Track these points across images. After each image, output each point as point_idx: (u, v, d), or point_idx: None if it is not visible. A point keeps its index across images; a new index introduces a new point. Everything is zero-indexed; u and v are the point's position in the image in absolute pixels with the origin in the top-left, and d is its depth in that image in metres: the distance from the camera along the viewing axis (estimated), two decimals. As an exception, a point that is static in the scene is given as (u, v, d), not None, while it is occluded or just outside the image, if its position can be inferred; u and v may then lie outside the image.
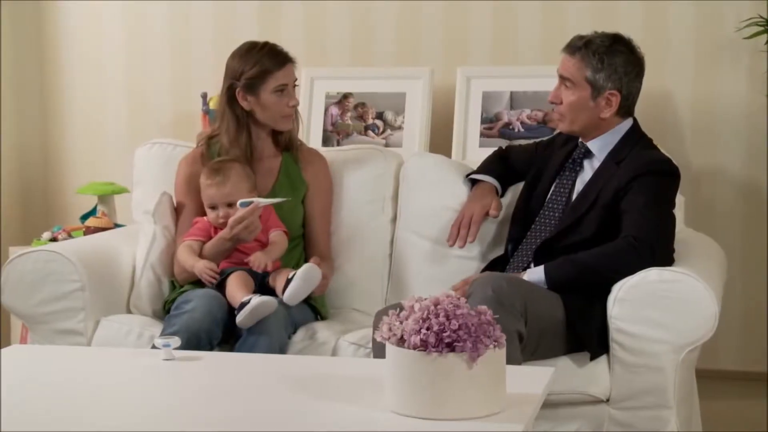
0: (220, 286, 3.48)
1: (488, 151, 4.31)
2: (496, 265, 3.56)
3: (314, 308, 3.57)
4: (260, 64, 3.62)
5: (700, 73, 4.51)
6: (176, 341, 2.92)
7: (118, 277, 3.64)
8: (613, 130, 3.42)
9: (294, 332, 3.42)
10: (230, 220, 3.47)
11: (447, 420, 2.41)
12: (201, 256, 3.53)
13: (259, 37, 4.73)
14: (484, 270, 3.59)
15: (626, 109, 3.42)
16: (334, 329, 3.45)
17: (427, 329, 2.42)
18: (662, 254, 3.19)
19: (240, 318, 3.27)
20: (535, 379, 2.69)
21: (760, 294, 4.43)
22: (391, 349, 2.48)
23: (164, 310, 3.59)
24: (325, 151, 3.87)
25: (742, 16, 4.42)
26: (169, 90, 4.96)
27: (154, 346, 3.26)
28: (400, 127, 4.50)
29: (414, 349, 2.42)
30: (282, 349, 3.32)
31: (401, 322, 2.48)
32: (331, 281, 3.69)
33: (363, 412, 2.50)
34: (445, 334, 2.41)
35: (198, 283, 3.58)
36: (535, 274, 3.24)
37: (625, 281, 3.14)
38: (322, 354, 3.36)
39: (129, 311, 3.64)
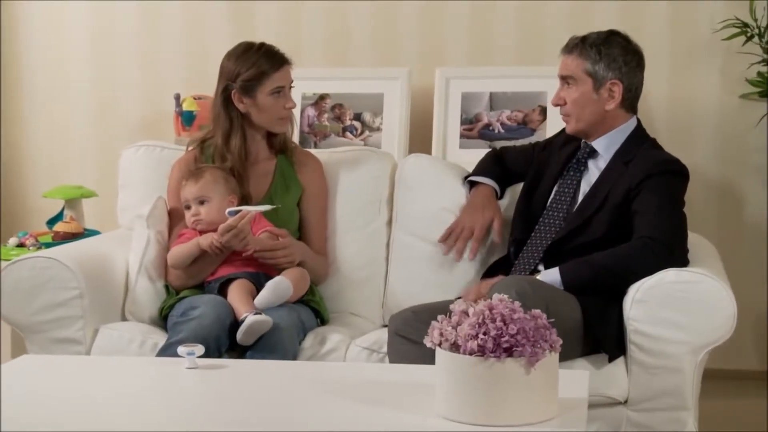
0: (222, 292, 3.40)
1: (469, 153, 4.31)
2: (498, 268, 3.54)
3: (316, 311, 3.51)
4: (257, 66, 3.55)
5: (675, 74, 4.55)
6: (200, 349, 2.85)
7: (113, 283, 3.53)
8: (619, 128, 3.43)
9: (303, 338, 3.36)
10: (220, 228, 3.40)
11: (504, 427, 2.38)
12: (193, 263, 3.47)
13: (232, 38, 4.66)
14: (485, 273, 3.57)
15: (630, 102, 3.43)
16: (342, 334, 3.40)
17: (484, 334, 2.38)
18: (679, 255, 3.20)
19: (239, 336, 3.23)
20: (572, 383, 2.66)
21: (736, 293, 4.46)
22: (443, 355, 2.43)
23: (161, 317, 3.50)
24: (318, 152, 3.82)
25: (715, 17, 4.48)
26: (138, 91, 4.85)
27: (160, 354, 3.21)
28: (378, 129, 4.45)
29: (470, 354, 2.38)
30: (294, 356, 3.26)
31: (454, 328, 2.43)
32: (328, 284, 3.65)
33: (414, 418, 2.45)
34: (503, 339, 2.37)
35: (194, 287, 3.50)
36: (550, 275, 3.22)
37: (643, 282, 3.14)
38: (335, 360, 3.30)
39: (124, 318, 3.53)
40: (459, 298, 3.52)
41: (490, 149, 3.84)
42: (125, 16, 4.84)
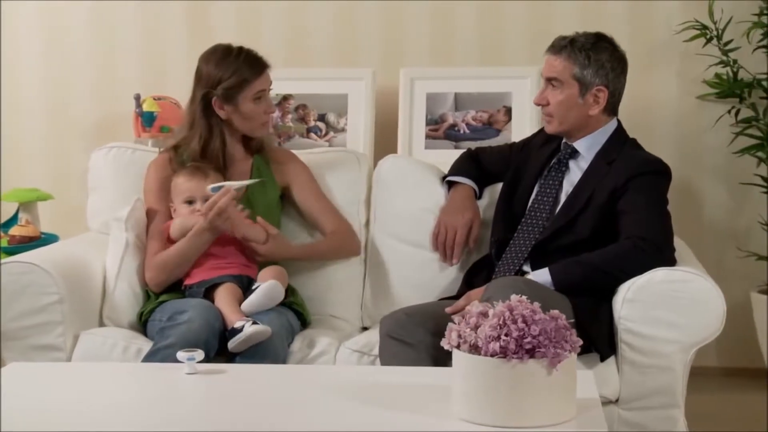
0: (207, 296, 3.35)
1: (435, 153, 4.31)
2: (479, 268, 3.54)
3: (298, 314, 3.47)
4: (239, 73, 3.48)
5: (634, 74, 4.52)
6: (200, 354, 2.79)
7: (91, 288, 3.44)
8: (601, 129, 3.45)
9: (291, 341, 3.32)
10: (203, 207, 3.35)
11: (525, 428, 2.37)
12: (177, 249, 3.43)
13: (189, 39, 4.65)
14: (467, 273, 3.57)
15: (612, 106, 3.45)
16: (329, 337, 3.36)
17: (506, 335, 2.37)
18: (667, 254, 3.23)
19: (233, 345, 3.17)
20: (582, 383, 2.65)
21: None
22: (462, 356, 2.42)
23: (140, 322, 3.43)
24: (296, 154, 3.76)
25: (673, 18, 4.54)
26: (92, 92, 4.76)
27: (147, 359, 3.15)
28: (343, 130, 4.42)
29: (492, 356, 2.37)
30: (284, 360, 3.22)
31: (473, 329, 2.42)
32: (307, 286, 3.62)
33: (432, 421, 2.44)
34: (525, 341, 2.36)
35: (174, 292, 3.44)
36: (540, 276, 3.23)
37: (633, 282, 3.15)
38: (325, 362, 3.27)
39: (102, 324, 3.45)
40: (443, 299, 3.52)
41: (464, 150, 3.83)
42: (78, 16, 4.74)
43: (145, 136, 4.44)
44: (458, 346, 2.43)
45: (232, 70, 3.48)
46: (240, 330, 3.15)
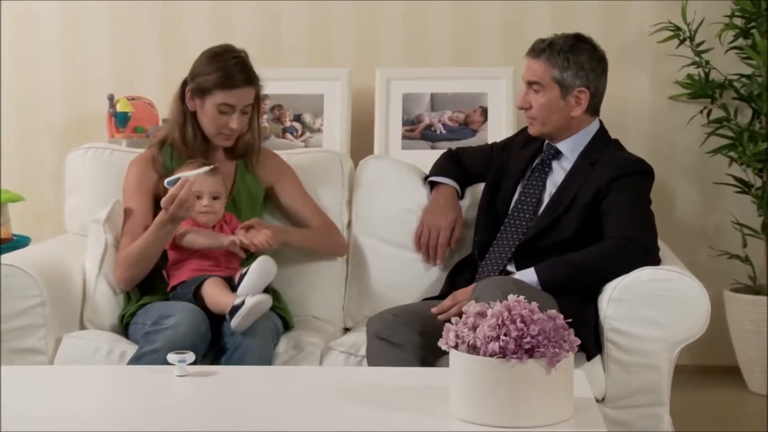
0: (196, 296, 3.32)
1: (411, 154, 4.31)
2: (462, 268, 3.54)
3: (281, 317, 3.45)
4: (214, 76, 3.44)
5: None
6: (191, 356, 2.77)
7: (71, 291, 3.40)
8: (584, 130, 3.46)
9: (277, 343, 3.30)
10: (162, 202, 3.28)
11: (524, 428, 2.37)
12: (140, 243, 3.38)
13: (161, 38, 4.62)
14: (450, 273, 3.57)
15: (594, 107, 3.47)
16: (314, 338, 3.35)
17: (505, 335, 2.37)
18: (652, 253, 3.25)
19: (236, 321, 3.12)
20: (576, 383, 2.66)
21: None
22: (459, 356, 2.41)
23: (122, 325, 3.40)
24: (278, 153, 3.74)
25: (646, 20, 4.57)
26: (63, 92, 4.70)
27: (132, 363, 3.12)
28: (319, 130, 4.41)
29: (491, 356, 2.37)
30: (269, 362, 3.20)
31: (472, 329, 2.42)
32: (289, 288, 3.60)
33: (430, 421, 2.43)
34: (524, 341, 2.37)
35: (154, 294, 3.42)
36: (527, 275, 3.23)
37: (619, 281, 3.17)
38: (311, 364, 3.25)
39: (83, 327, 3.41)
40: (426, 299, 3.52)
41: (444, 150, 3.83)
42: (47, 16, 4.69)
43: (118, 137, 4.39)
44: (456, 347, 2.43)
45: (211, 69, 3.45)
46: (241, 305, 3.11)
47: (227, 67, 3.45)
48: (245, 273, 3.25)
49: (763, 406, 4.35)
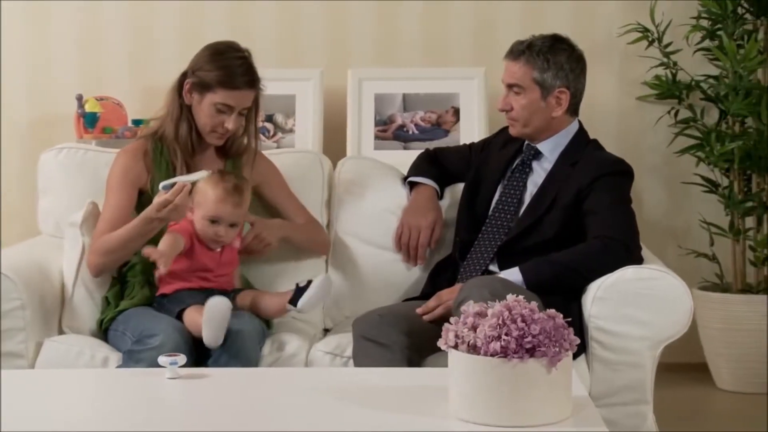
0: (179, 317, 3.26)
1: (384, 154, 4.32)
2: (443, 268, 3.55)
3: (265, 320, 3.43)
4: (217, 74, 3.38)
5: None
6: (182, 358, 2.74)
7: (50, 294, 3.35)
8: (564, 131, 3.48)
9: (263, 344, 3.28)
10: (156, 203, 3.23)
11: (525, 427, 2.37)
12: (122, 234, 3.32)
13: (130, 38, 4.57)
14: (431, 273, 3.57)
15: (574, 107, 3.48)
16: (298, 339, 3.33)
17: (506, 335, 2.38)
18: (635, 252, 3.27)
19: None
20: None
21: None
22: (459, 356, 2.41)
23: (101, 329, 3.35)
24: (263, 153, 3.71)
25: (614, 21, 4.61)
26: (28, 92, 4.64)
27: (121, 366, 3.10)
28: (291, 130, 4.40)
29: (492, 356, 2.37)
30: (256, 363, 3.17)
31: (473, 329, 2.42)
32: (269, 288, 3.57)
33: (431, 421, 2.42)
34: (525, 340, 2.37)
35: (133, 299, 3.37)
36: (511, 275, 3.24)
37: (603, 280, 3.19)
38: (296, 365, 3.23)
39: (61, 331, 3.37)
40: (407, 299, 3.52)
41: (422, 150, 3.83)
42: (12, 14, 4.62)
43: (87, 137, 4.35)
44: (456, 347, 2.43)
45: (212, 67, 3.39)
46: (306, 286, 3.23)
47: (231, 66, 3.40)
48: (305, 286, 3.26)
49: (731, 403, 4.40)
